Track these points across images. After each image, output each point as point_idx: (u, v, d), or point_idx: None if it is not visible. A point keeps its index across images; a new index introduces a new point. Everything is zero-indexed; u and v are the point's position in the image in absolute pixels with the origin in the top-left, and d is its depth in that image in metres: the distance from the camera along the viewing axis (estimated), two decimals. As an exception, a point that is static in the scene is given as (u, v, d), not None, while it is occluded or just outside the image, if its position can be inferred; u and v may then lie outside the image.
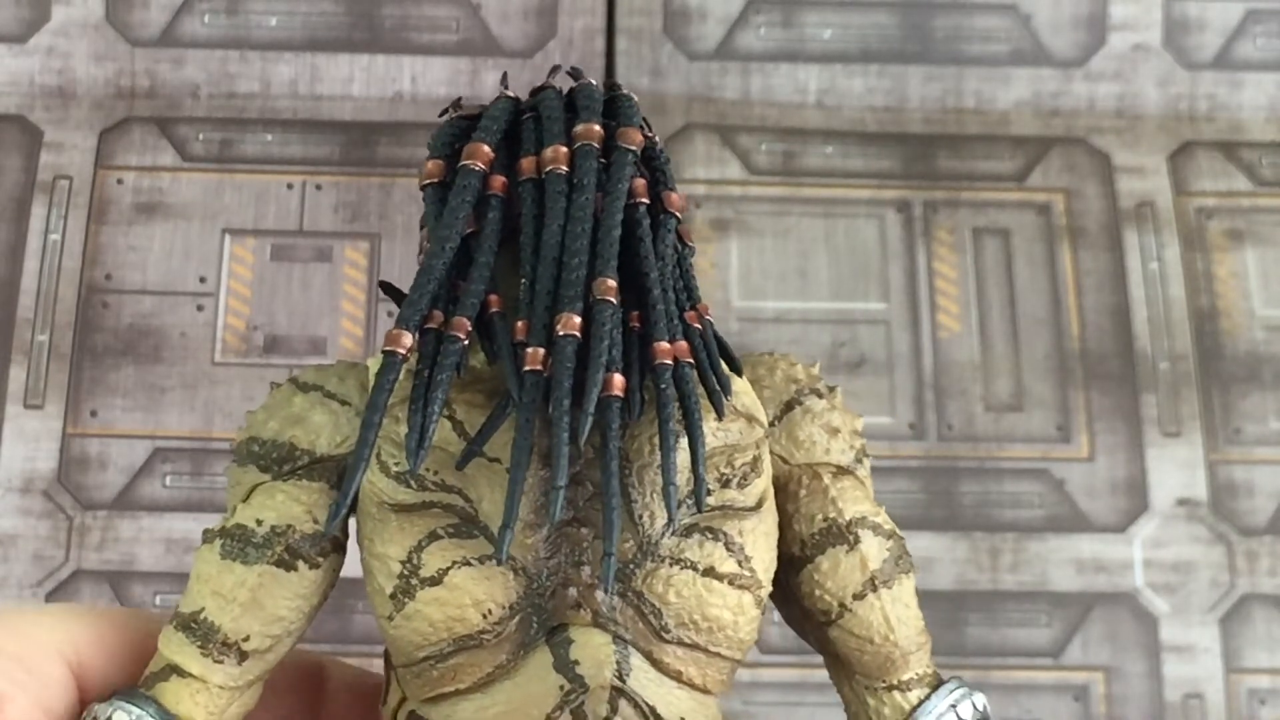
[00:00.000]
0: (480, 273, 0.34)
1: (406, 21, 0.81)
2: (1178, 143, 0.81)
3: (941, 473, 0.74)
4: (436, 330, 0.34)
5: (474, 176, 0.35)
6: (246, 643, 0.34)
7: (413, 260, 0.77)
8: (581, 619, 0.34)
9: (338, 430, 0.36)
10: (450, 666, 0.34)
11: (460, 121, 0.37)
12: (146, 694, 0.34)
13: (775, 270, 0.78)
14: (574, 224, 0.34)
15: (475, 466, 0.34)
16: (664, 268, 0.35)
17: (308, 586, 0.35)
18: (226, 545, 0.35)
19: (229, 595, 0.34)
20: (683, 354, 0.34)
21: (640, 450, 0.34)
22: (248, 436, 0.37)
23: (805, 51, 0.82)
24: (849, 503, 0.36)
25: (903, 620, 0.36)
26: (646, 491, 0.34)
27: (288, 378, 0.38)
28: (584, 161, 0.35)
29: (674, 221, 0.36)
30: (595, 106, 0.36)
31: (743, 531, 0.35)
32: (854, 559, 0.36)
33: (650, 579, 0.34)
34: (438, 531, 0.34)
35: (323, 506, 0.35)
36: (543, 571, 0.34)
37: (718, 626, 0.34)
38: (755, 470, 0.35)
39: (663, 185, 0.36)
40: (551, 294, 0.34)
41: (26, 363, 0.74)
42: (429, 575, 0.34)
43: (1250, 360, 0.77)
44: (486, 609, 0.34)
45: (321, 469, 0.36)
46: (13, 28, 0.80)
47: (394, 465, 0.34)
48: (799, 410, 0.38)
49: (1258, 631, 0.73)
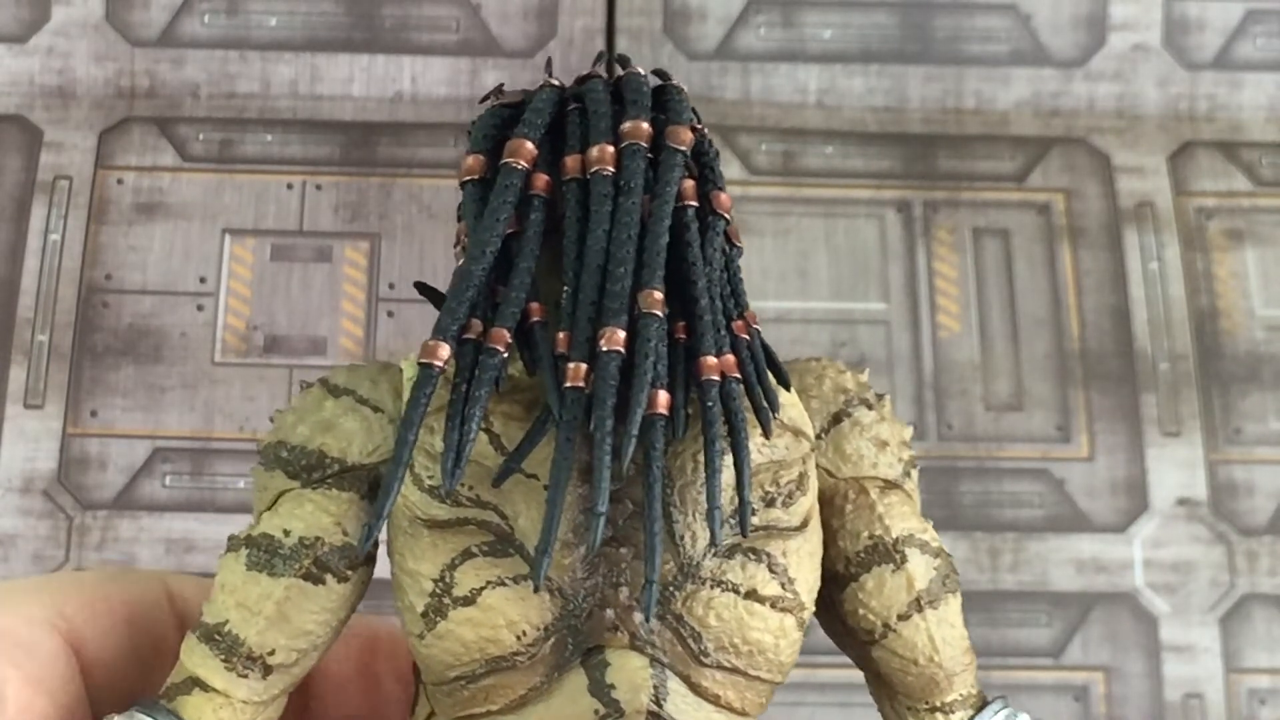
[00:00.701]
0: (521, 279, 0.33)
1: (406, 21, 0.81)
2: (1178, 143, 0.81)
3: (941, 473, 0.74)
4: (475, 341, 0.33)
5: (516, 175, 0.33)
6: (272, 657, 0.33)
7: (413, 260, 0.77)
8: (618, 641, 0.32)
9: (370, 438, 0.35)
10: (482, 687, 0.33)
11: (502, 110, 0.35)
12: (167, 706, 0.33)
13: (775, 270, 0.78)
14: (619, 229, 0.33)
15: (512, 482, 0.33)
16: (711, 274, 0.34)
17: (335, 600, 0.34)
18: (253, 555, 0.34)
19: (254, 608, 0.33)
20: (730, 369, 0.33)
21: (683, 469, 0.33)
22: (276, 440, 0.36)
23: (805, 51, 0.82)
24: (896, 519, 0.35)
25: (948, 641, 0.35)
26: (689, 511, 0.33)
27: (318, 379, 0.36)
28: (631, 162, 0.33)
29: (723, 224, 0.34)
30: (644, 101, 0.34)
31: (786, 552, 0.33)
32: (900, 579, 0.35)
33: (690, 601, 0.33)
34: (472, 549, 0.33)
35: (352, 518, 0.34)
36: (579, 592, 0.32)
37: (758, 650, 0.33)
38: (801, 488, 0.34)
39: (711, 185, 0.34)
40: (595, 305, 0.32)
41: (26, 363, 0.74)
42: (462, 595, 0.33)
43: (1250, 360, 0.77)
44: (521, 630, 0.32)
45: (352, 478, 0.34)
46: (13, 28, 0.80)
47: (428, 478, 0.33)
48: (847, 423, 0.37)
49: (1258, 631, 0.73)
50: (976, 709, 0.35)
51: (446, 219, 0.78)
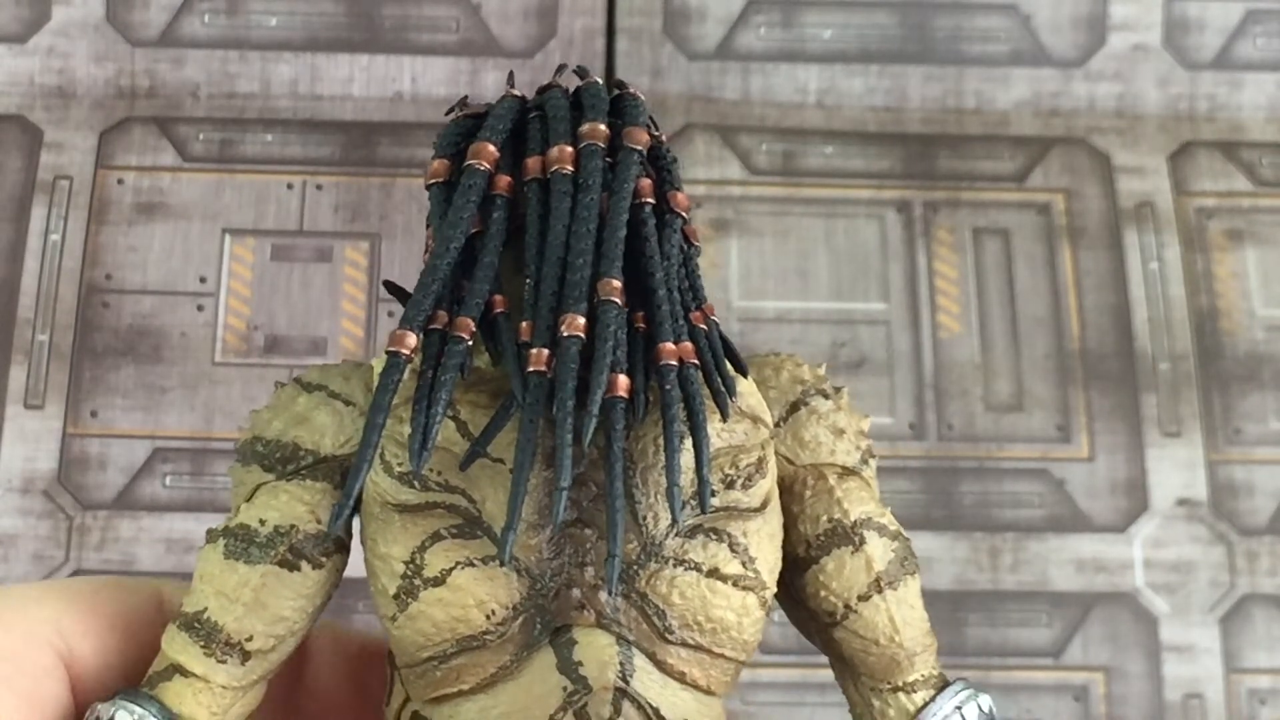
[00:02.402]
0: (485, 273, 0.34)
1: (406, 21, 0.81)
2: (1178, 143, 0.81)
3: (941, 473, 0.74)
4: (441, 330, 0.34)
5: (479, 176, 0.35)
6: (250, 643, 0.34)
7: (413, 260, 0.77)
8: (585, 620, 0.33)
9: (342, 430, 0.36)
10: (453, 667, 0.34)
11: (466, 121, 0.37)
12: (149, 694, 0.34)
13: (775, 270, 0.78)
14: (579, 224, 0.34)
15: (479, 467, 0.34)
16: (669, 268, 0.35)
17: (311, 587, 0.35)
18: (230, 545, 0.35)
19: (232, 595, 0.34)
20: (688, 355, 0.34)
21: (644, 451, 0.34)
22: (251, 436, 0.37)
23: (805, 51, 0.82)
24: (854, 503, 0.36)
25: (908, 621, 0.36)
26: (650, 492, 0.34)
27: (291, 377, 0.38)
28: (589, 161, 0.35)
29: (679, 221, 0.36)
30: (601, 106, 0.36)
31: (747, 532, 0.34)
32: (859, 560, 0.36)
33: (654, 580, 0.34)
34: (441, 532, 0.34)
35: (326, 507, 0.35)
36: (546, 572, 0.34)
37: (722, 628, 0.34)
38: (760, 471, 0.35)
39: (669, 185, 0.36)
40: (556, 294, 0.34)
41: (26, 363, 0.74)
42: (432, 576, 0.34)
43: (1250, 360, 0.77)
44: (490, 609, 0.33)
45: (325, 469, 0.36)
46: (13, 28, 0.80)
47: (397, 465, 0.34)
48: (805, 411, 0.38)
49: (1258, 631, 0.73)
50: (938, 689, 0.36)
51: (446, 219, 0.78)
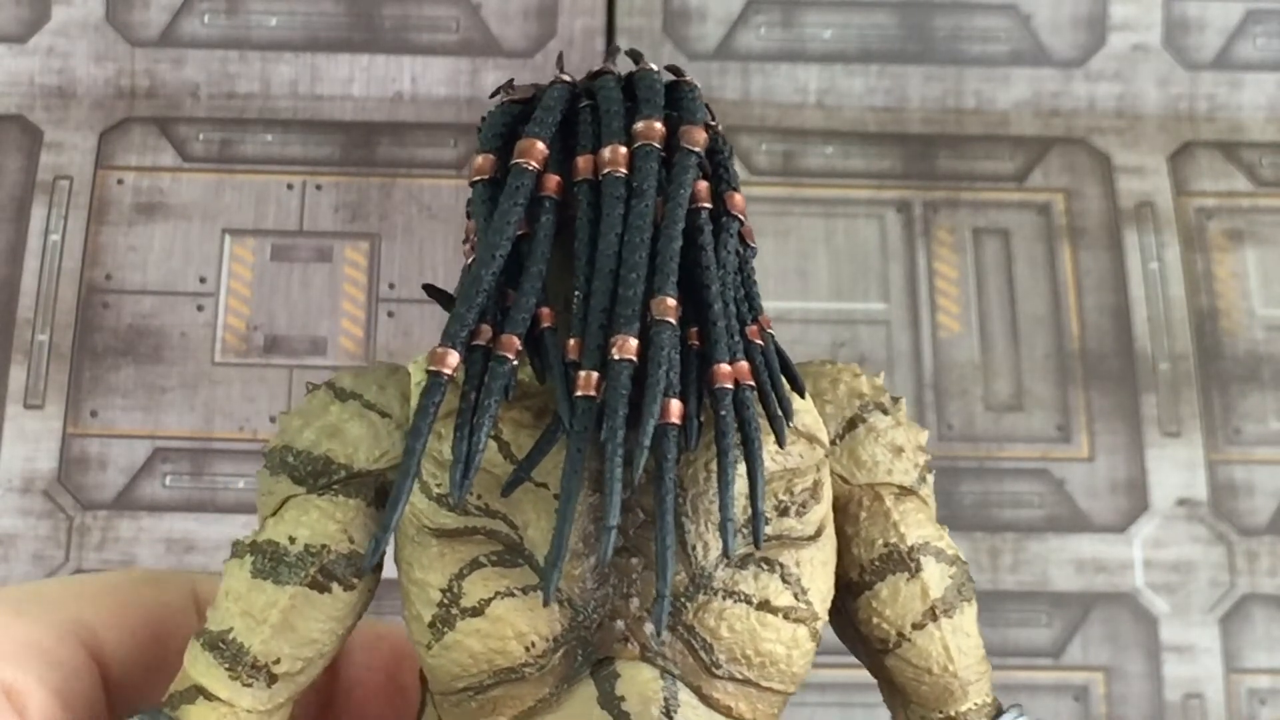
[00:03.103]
0: (531, 284, 0.32)
1: (406, 21, 0.81)
2: (1178, 143, 0.81)
3: (941, 473, 0.74)
4: (484, 348, 0.32)
5: (527, 177, 0.33)
6: (277, 665, 0.33)
7: (413, 260, 0.77)
8: (629, 653, 0.32)
9: (376, 444, 0.34)
10: (490, 698, 0.32)
11: (512, 108, 0.34)
12: (171, 715, 0.33)
13: (775, 270, 0.78)
14: (632, 234, 0.32)
15: (521, 491, 0.32)
16: (725, 277, 0.33)
17: (341, 609, 0.33)
18: (258, 563, 0.33)
19: (259, 616, 0.33)
20: (743, 376, 0.32)
21: (695, 478, 0.32)
22: (282, 444, 0.35)
23: (805, 51, 0.82)
24: (911, 527, 0.35)
25: (963, 650, 0.34)
26: (701, 521, 0.32)
27: (325, 382, 0.36)
28: (644, 164, 0.33)
29: (737, 225, 0.34)
30: (657, 100, 0.34)
31: (800, 562, 0.33)
32: (915, 587, 0.34)
33: (702, 612, 0.32)
34: (480, 559, 0.32)
35: (359, 525, 0.33)
36: (589, 603, 0.32)
37: (770, 661, 0.33)
38: (815, 497, 0.34)
39: (725, 185, 0.34)
40: (607, 312, 0.31)
41: (26, 363, 0.74)
42: (470, 605, 0.32)
43: (1250, 360, 0.77)
44: (529, 641, 0.32)
45: (358, 485, 0.34)
46: (13, 28, 0.80)
47: (436, 486, 0.33)
48: (863, 429, 0.36)
49: (1258, 631, 0.73)
50: (991, 718, 0.35)
51: (446, 219, 0.78)
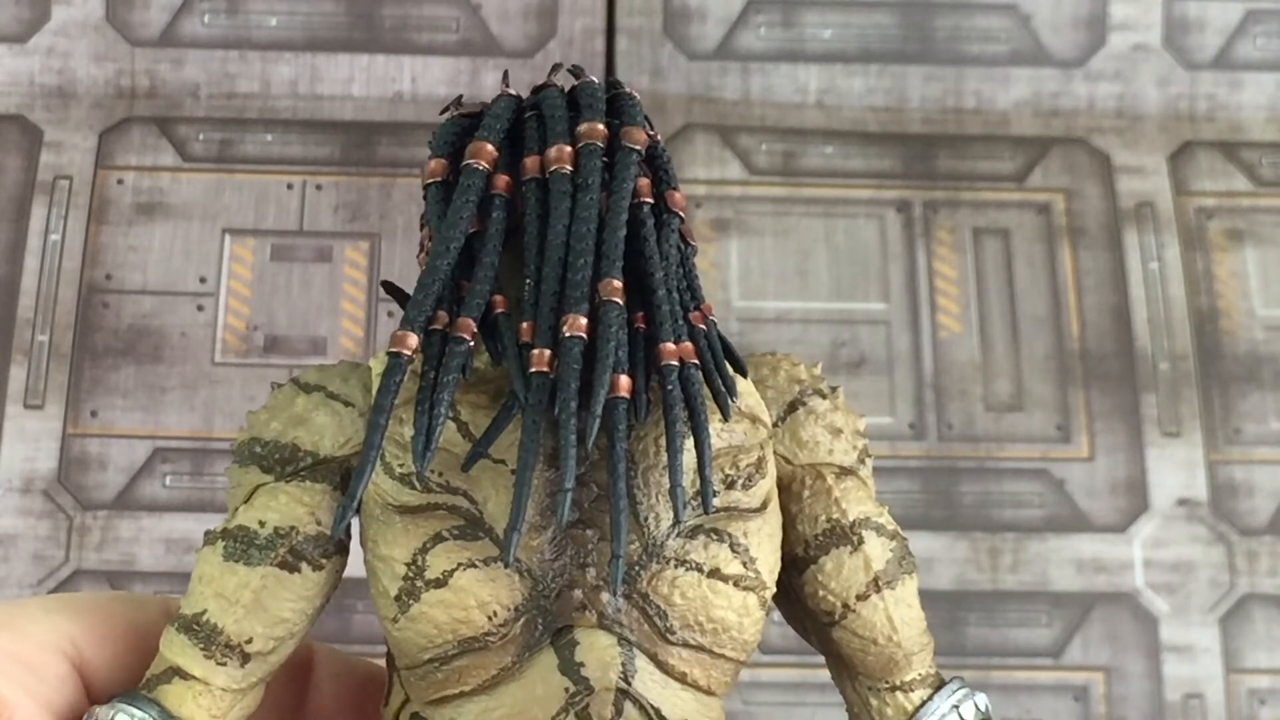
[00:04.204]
0: (485, 273, 0.34)
1: (406, 21, 0.81)
2: (1178, 143, 0.81)
3: (941, 473, 0.74)
4: (441, 331, 0.34)
5: (477, 176, 0.35)
6: (249, 645, 0.34)
7: (413, 260, 0.77)
8: (587, 621, 0.34)
9: (341, 431, 0.36)
10: (455, 669, 0.34)
11: (462, 120, 0.37)
12: (148, 696, 0.34)
13: (775, 270, 0.78)
14: (579, 224, 0.34)
15: (480, 468, 0.34)
16: (668, 268, 0.35)
17: (311, 588, 0.35)
18: (229, 547, 0.35)
19: (231, 597, 0.34)
20: (688, 355, 0.34)
21: (646, 452, 0.34)
22: (250, 437, 0.37)
23: (805, 51, 0.82)
24: (852, 503, 0.36)
25: (906, 621, 0.36)
26: (652, 493, 0.34)
27: (289, 378, 0.38)
28: (588, 161, 0.35)
29: (677, 221, 0.36)
30: (598, 105, 0.36)
31: (747, 533, 0.35)
32: (857, 560, 0.36)
33: (655, 580, 0.34)
34: (443, 533, 0.34)
35: (326, 508, 0.35)
36: (548, 573, 0.34)
37: (722, 628, 0.34)
38: (760, 471, 0.35)
39: (666, 184, 0.36)
40: (557, 295, 0.34)
41: (26, 363, 0.74)
42: (434, 577, 0.34)
43: (1250, 360, 0.77)
44: (491, 611, 0.33)
45: (325, 470, 0.36)
46: (13, 28, 0.80)
47: (399, 467, 0.34)
48: (802, 411, 0.38)
49: (1258, 631, 0.73)
50: (935, 688, 0.37)
51: (446, 219, 0.78)
